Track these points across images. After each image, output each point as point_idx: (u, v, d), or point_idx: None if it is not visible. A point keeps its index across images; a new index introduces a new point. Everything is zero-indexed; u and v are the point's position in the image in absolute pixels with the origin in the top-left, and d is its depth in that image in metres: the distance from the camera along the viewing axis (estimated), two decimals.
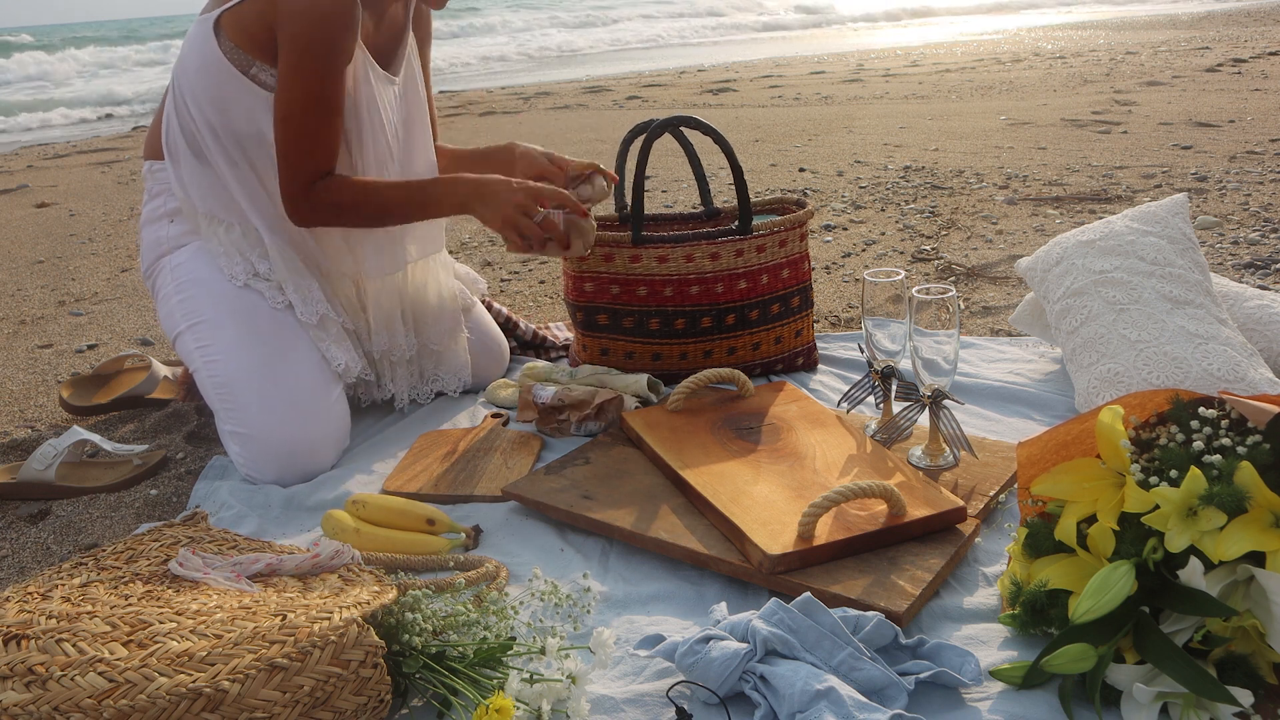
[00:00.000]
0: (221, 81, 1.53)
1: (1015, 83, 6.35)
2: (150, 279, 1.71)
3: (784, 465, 1.37)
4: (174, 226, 1.67)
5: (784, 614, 1.01)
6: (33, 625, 0.95)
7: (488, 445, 1.62)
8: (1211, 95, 5.16)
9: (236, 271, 1.62)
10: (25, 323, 2.66)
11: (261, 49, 1.51)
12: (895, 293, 1.43)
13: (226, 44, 1.51)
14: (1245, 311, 1.66)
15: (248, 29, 1.50)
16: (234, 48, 1.51)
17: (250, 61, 1.51)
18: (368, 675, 0.93)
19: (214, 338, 1.59)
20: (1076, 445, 1.09)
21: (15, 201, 4.49)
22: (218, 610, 0.99)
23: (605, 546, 1.31)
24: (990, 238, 2.79)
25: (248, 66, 1.52)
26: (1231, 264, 2.39)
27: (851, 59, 9.18)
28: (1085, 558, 1.01)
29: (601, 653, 0.99)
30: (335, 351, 1.64)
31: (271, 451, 1.54)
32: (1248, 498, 0.91)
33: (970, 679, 0.98)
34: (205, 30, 1.53)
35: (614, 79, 8.85)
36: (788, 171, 3.99)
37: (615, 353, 1.83)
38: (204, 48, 1.53)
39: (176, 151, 1.61)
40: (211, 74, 1.53)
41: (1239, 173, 3.35)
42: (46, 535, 1.50)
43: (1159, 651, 0.92)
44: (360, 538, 1.33)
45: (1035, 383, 1.73)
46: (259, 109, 1.54)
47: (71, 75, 12.16)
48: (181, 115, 1.59)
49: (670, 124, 1.80)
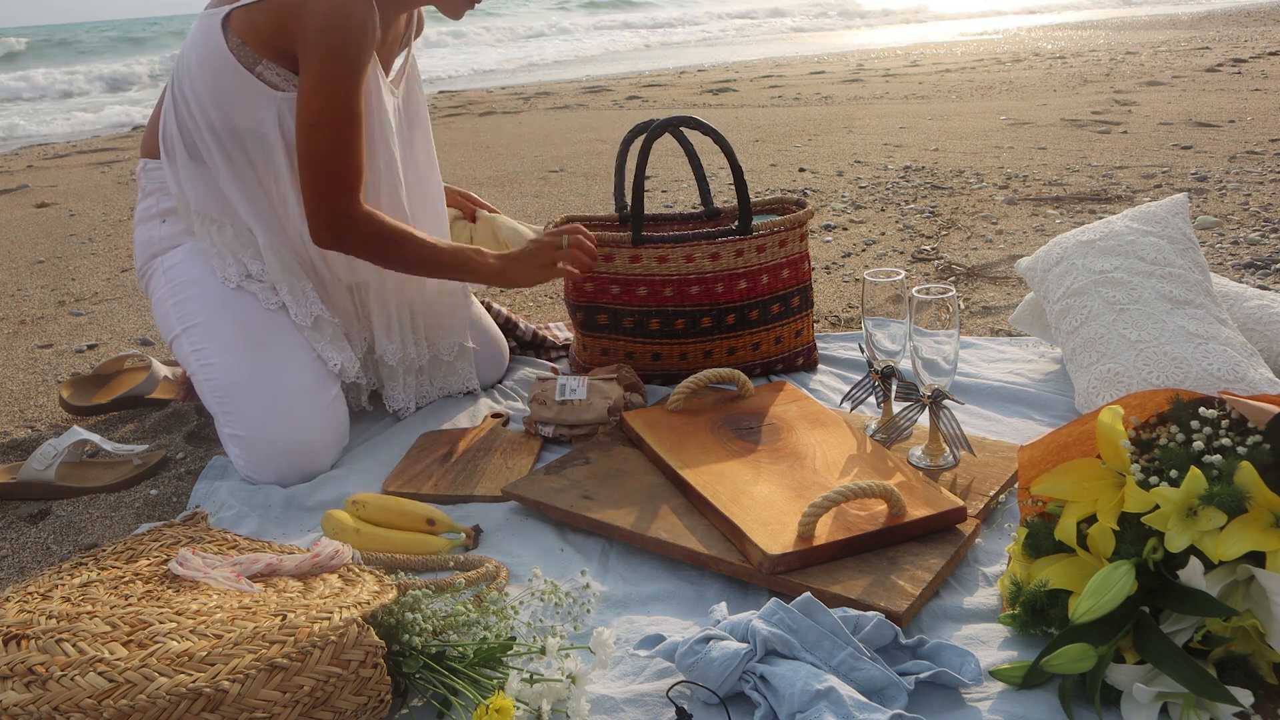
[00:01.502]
0: (225, 77, 1.52)
1: (1015, 83, 6.35)
2: (144, 279, 1.70)
3: (784, 465, 1.37)
4: (166, 226, 1.66)
5: (784, 614, 1.01)
6: (33, 625, 0.95)
7: (488, 445, 1.62)
8: (1211, 95, 5.16)
9: (229, 273, 1.61)
10: (25, 323, 2.66)
11: (272, 49, 1.50)
12: (895, 293, 1.43)
13: (233, 40, 1.51)
14: (1245, 311, 1.66)
15: (260, 28, 1.49)
16: (241, 44, 1.50)
17: (257, 59, 1.51)
18: (368, 675, 0.93)
19: (209, 341, 1.58)
20: (1077, 447, 1.09)
21: (15, 201, 4.49)
22: (218, 610, 0.99)
23: (605, 546, 1.31)
24: (990, 238, 2.79)
25: (254, 64, 1.51)
26: (1231, 264, 2.39)
27: (851, 59, 9.18)
28: (1085, 558, 1.01)
29: (601, 653, 0.99)
30: (331, 352, 1.64)
31: (271, 453, 1.54)
32: (1248, 498, 0.91)
33: (970, 679, 0.98)
34: (211, 25, 1.52)
35: (614, 79, 8.85)
36: (788, 171, 3.99)
37: (615, 352, 1.83)
38: (208, 43, 1.52)
39: (173, 149, 1.61)
40: (214, 69, 1.52)
41: (1239, 173, 3.35)
42: (46, 535, 1.50)
43: (1159, 651, 0.92)
44: (360, 538, 1.33)
45: (1035, 383, 1.73)
46: (262, 106, 1.54)
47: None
48: (180, 112, 1.58)
49: (670, 124, 1.80)
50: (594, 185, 3.97)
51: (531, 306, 2.53)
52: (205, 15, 1.55)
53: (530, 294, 2.63)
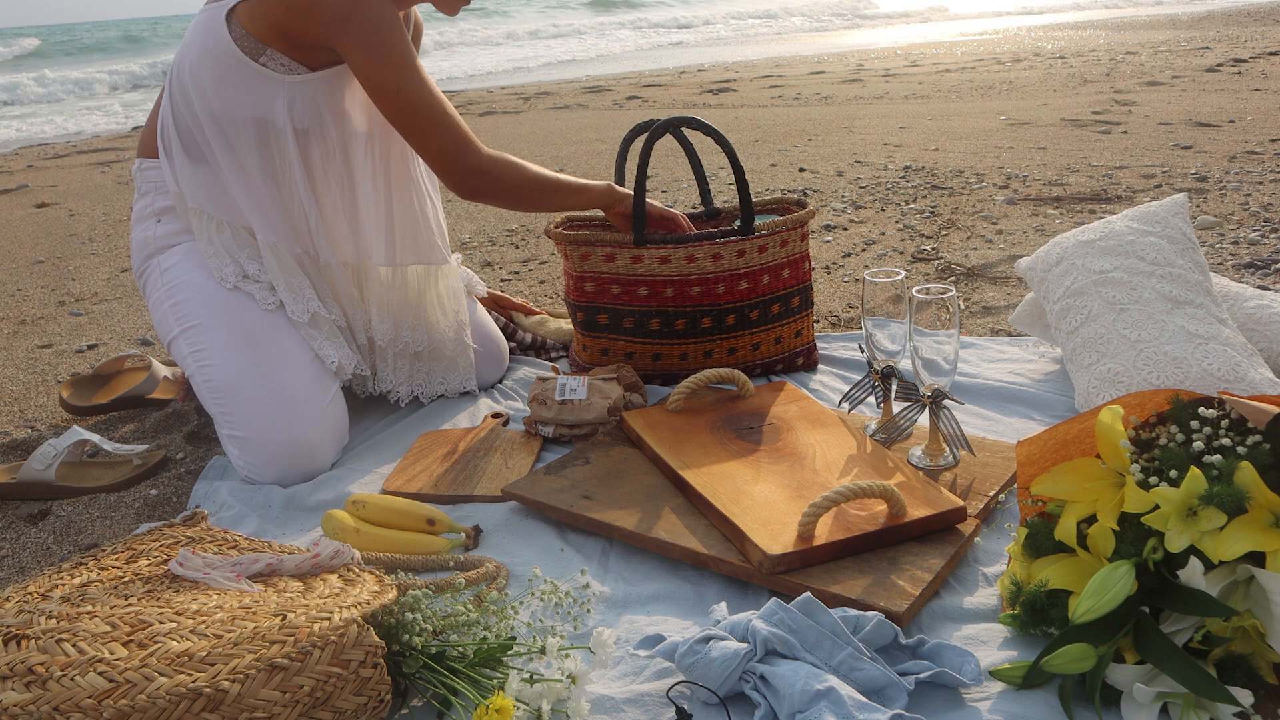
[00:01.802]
0: (229, 68, 1.53)
1: (1015, 83, 6.35)
2: (141, 279, 1.70)
3: (784, 465, 1.37)
4: (161, 226, 1.66)
5: (784, 614, 1.01)
6: (33, 625, 0.95)
7: (488, 445, 1.62)
8: (1211, 95, 5.16)
9: (226, 273, 1.61)
10: (25, 323, 2.66)
11: (281, 38, 1.51)
12: (895, 293, 1.43)
13: (238, 31, 1.51)
14: (1245, 311, 1.66)
15: (270, 19, 1.50)
16: (245, 34, 1.51)
17: (262, 49, 1.52)
18: (368, 675, 0.93)
19: (206, 342, 1.58)
20: (1076, 444, 1.09)
21: (15, 201, 4.49)
22: (218, 610, 0.99)
23: (605, 546, 1.31)
24: (990, 238, 2.79)
25: (258, 54, 1.52)
26: (1231, 264, 2.39)
27: (851, 59, 9.18)
28: (1085, 558, 1.01)
29: (601, 653, 0.99)
30: (328, 350, 1.64)
31: (270, 454, 1.54)
32: (1248, 498, 0.91)
33: (970, 679, 0.98)
34: (214, 18, 1.53)
35: (614, 79, 8.85)
36: (788, 171, 3.99)
37: (615, 353, 1.83)
38: (210, 36, 1.53)
39: (171, 146, 1.61)
40: (218, 60, 1.53)
41: (1239, 173, 3.35)
42: (46, 535, 1.50)
43: (1159, 651, 0.92)
44: (360, 538, 1.33)
45: (1035, 383, 1.73)
46: (270, 93, 1.54)
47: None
48: (178, 108, 1.59)
49: (671, 124, 1.80)
50: None
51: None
52: (207, 10, 1.55)
53: (530, 294, 2.63)
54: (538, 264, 2.93)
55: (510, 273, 2.86)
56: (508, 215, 3.57)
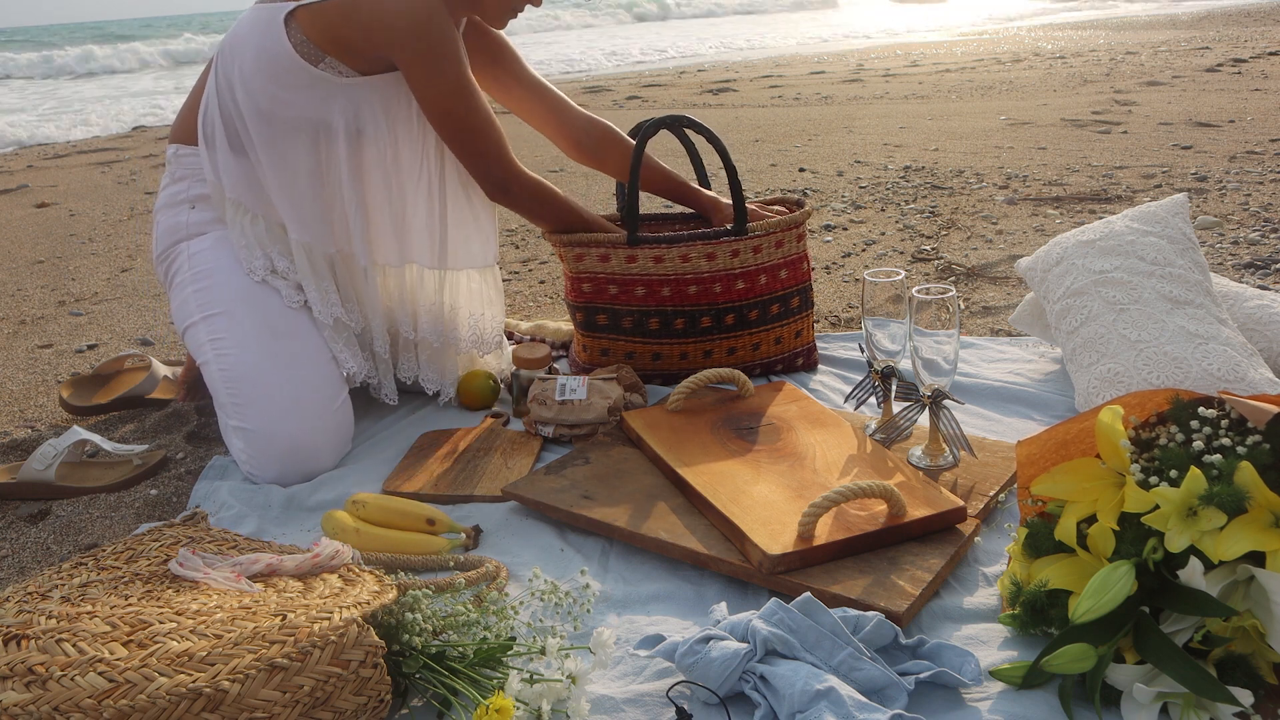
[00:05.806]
0: (287, 71, 1.53)
1: (1015, 83, 6.35)
2: (164, 264, 1.70)
3: (784, 465, 1.37)
4: (195, 213, 1.67)
5: (784, 614, 1.01)
6: (33, 625, 0.95)
7: (488, 445, 1.62)
8: (1211, 95, 5.16)
9: (255, 266, 1.62)
10: (25, 323, 2.66)
11: (345, 49, 1.53)
12: (895, 293, 1.43)
13: (297, 36, 1.52)
14: (1245, 311, 1.66)
15: (330, 29, 1.51)
16: (305, 41, 1.52)
17: (321, 55, 1.53)
18: (368, 675, 0.93)
19: (228, 330, 1.59)
20: (1076, 444, 1.09)
21: (15, 201, 4.48)
22: (218, 610, 0.99)
23: (605, 546, 1.31)
24: (990, 238, 2.80)
25: (318, 60, 1.53)
26: (1231, 264, 2.39)
27: (851, 59, 9.18)
28: (1085, 558, 1.01)
29: (601, 653, 0.99)
30: (346, 355, 1.66)
31: (275, 449, 1.54)
32: (1248, 498, 0.91)
33: (970, 679, 0.98)
34: (272, 19, 1.53)
35: (614, 79, 8.85)
36: (787, 171, 3.99)
37: (615, 353, 1.83)
38: (267, 38, 1.53)
39: (213, 136, 1.61)
40: (273, 60, 1.53)
41: (1239, 173, 3.35)
42: (46, 535, 1.50)
43: (1159, 651, 0.92)
44: (360, 538, 1.33)
45: (1035, 383, 1.73)
46: (324, 96, 1.55)
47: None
48: (224, 100, 1.58)
49: (664, 123, 1.80)
50: (594, 185, 3.97)
51: (532, 307, 2.53)
52: (261, 8, 1.56)
53: (530, 294, 2.63)
54: (538, 264, 2.93)
55: (510, 273, 2.86)
56: (507, 215, 3.57)
